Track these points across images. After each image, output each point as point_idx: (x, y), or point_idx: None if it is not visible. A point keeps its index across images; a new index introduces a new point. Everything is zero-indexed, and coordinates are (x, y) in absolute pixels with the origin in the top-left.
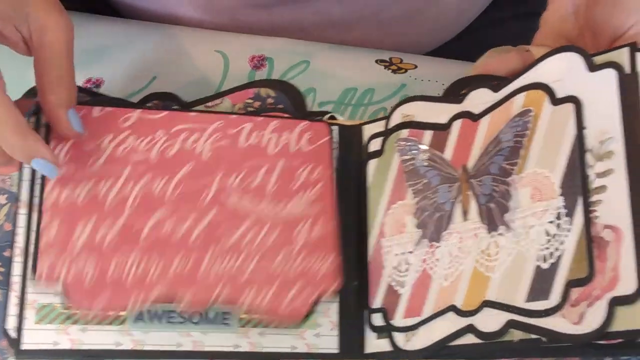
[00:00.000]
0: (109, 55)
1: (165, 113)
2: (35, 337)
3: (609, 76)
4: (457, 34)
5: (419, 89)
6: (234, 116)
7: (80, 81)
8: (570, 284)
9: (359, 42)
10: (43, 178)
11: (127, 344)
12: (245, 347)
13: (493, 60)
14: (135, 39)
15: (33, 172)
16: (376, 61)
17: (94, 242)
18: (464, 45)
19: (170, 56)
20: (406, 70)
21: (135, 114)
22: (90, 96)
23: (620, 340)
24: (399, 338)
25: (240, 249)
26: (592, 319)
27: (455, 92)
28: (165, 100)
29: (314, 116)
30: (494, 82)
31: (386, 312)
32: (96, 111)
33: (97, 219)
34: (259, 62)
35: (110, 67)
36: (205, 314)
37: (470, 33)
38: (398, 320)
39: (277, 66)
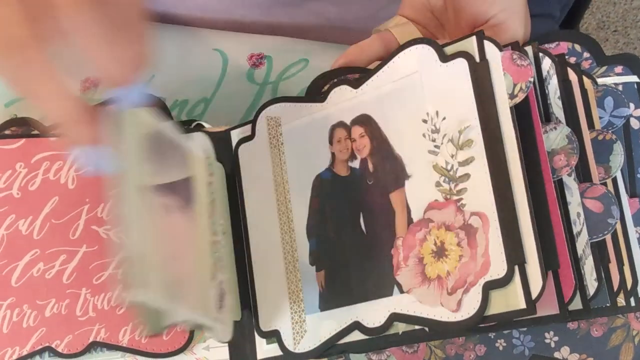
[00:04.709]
0: None
1: (22, 141)
2: None
3: (461, 66)
4: None
5: None
6: None
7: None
8: None
9: (357, 42)
10: None
11: None
12: None
13: (354, 49)
14: None
15: None
16: None
17: None
18: None
19: (168, 55)
20: None
21: None
22: None
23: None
24: (288, 341)
25: (114, 281)
26: (469, 305)
27: (317, 89)
28: (23, 126)
29: (181, 126)
30: (355, 74)
31: None
32: None
33: None
34: (257, 60)
35: None
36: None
37: None
38: None
39: (275, 64)
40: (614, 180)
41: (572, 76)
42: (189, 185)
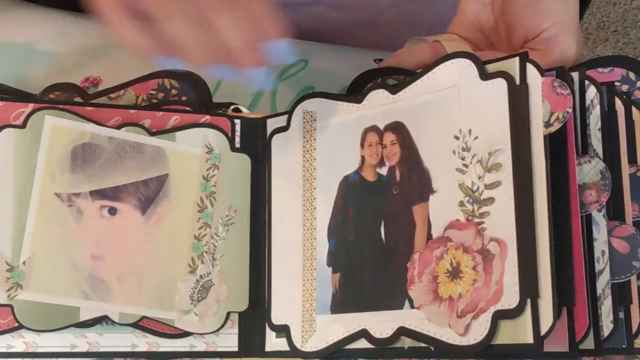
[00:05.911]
0: (107, 54)
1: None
2: None
3: (500, 86)
4: None
5: None
6: (133, 111)
7: (78, 80)
8: None
9: (356, 45)
10: None
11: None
12: (143, 347)
13: (404, 52)
14: None
15: None
16: (375, 60)
17: None
18: None
19: None
20: None
21: (29, 108)
22: None
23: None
24: (297, 338)
25: None
26: (476, 332)
27: (359, 86)
28: (67, 91)
29: (219, 108)
30: (393, 76)
31: None
32: None
33: None
34: None
35: (108, 66)
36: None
37: None
38: None
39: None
40: None
41: (619, 106)
42: (163, 182)
